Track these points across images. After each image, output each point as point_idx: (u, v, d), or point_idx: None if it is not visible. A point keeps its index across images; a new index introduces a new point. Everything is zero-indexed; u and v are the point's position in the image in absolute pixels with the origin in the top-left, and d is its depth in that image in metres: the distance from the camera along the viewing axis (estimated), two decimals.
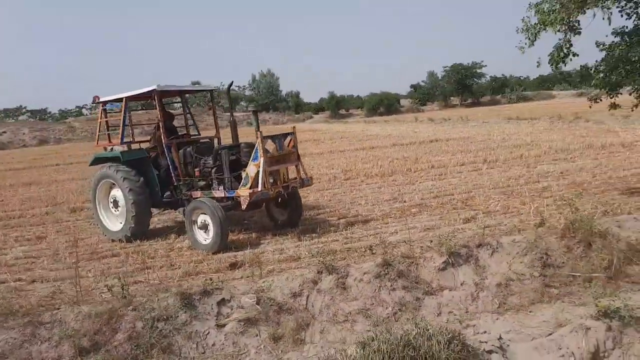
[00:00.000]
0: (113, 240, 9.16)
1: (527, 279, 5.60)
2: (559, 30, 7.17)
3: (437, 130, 30.39)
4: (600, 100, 8.74)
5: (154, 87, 8.65)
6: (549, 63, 7.96)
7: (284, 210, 9.22)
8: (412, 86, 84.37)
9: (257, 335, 5.05)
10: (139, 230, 8.95)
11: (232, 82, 9.16)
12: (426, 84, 79.75)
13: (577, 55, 7.91)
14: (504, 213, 8.62)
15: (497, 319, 4.97)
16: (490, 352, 3.79)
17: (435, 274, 5.70)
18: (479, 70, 71.14)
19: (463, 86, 70.42)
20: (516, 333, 4.60)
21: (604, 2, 6.88)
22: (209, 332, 5.04)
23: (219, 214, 7.79)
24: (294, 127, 8.79)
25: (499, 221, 8.09)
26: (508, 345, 3.94)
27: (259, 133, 7.87)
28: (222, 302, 5.36)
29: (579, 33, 7.36)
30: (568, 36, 7.67)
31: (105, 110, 9.63)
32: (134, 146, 9.64)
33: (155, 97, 8.78)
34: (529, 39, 8.00)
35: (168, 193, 9.08)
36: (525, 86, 78.21)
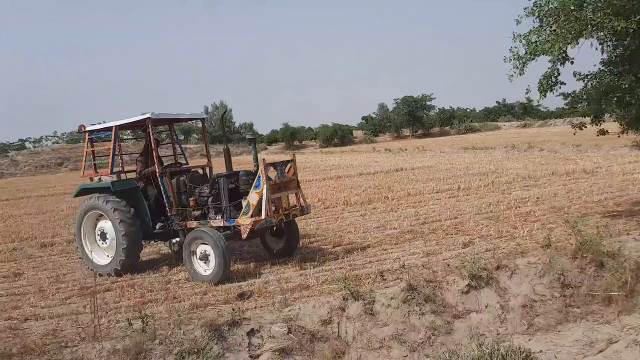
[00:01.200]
0: (100, 275, 8.75)
1: (548, 300, 5.73)
2: (555, 60, 7.53)
3: (398, 159, 30.97)
4: (585, 127, 9.18)
5: (147, 115, 8.47)
6: (538, 90, 8.32)
7: (279, 239, 9.10)
8: (363, 118, 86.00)
9: None
10: (130, 264, 8.60)
11: (226, 110, 9.11)
12: (377, 116, 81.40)
13: (565, 83, 8.33)
14: (499, 237, 8.82)
15: (529, 340, 5.04)
16: None
17: (459, 297, 5.74)
18: (429, 103, 73.38)
19: (414, 118, 72.30)
20: (555, 353, 4.68)
21: (599, 33, 7.33)
22: None
23: (222, 244, 7.60)
24: (294, 154, 8.76)
25: (496, 245, 8.22)
26: None
27: (262, 160, 7.80)
28: (251, 333, 5.19)
29: (572, 62, 7.77)
30: (556, 65, 8.06)
31: (91, 139, 9.32)
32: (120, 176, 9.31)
33: (149, 125, 8.58)
34: (517, 67, 8.36)
35: (161, 224, 8.80)
36: (471, 118, 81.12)
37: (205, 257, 7.83)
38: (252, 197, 7.88)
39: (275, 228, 8.86)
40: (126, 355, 4.78)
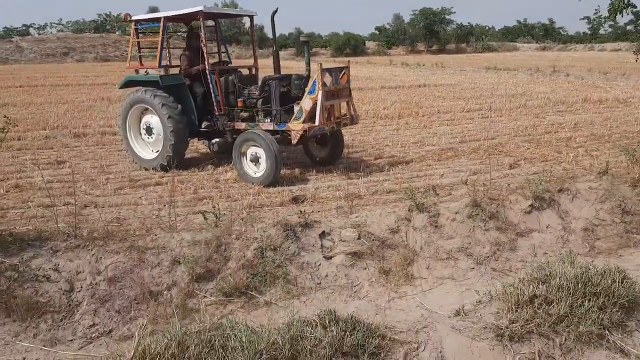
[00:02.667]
0: (146, 169, 8.84)
1: (609, 225, 5.85)
2: None
3: (418, 75, 30.36)
4: None
5: (200, 7, 8.17)
6: (608, 12, 8.04)
7: (323, 147, 9.07)
8: (376, 28, 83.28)
9: (365, 269, 5.09)
10: (176, 160, 8.64)
11: (277, 8, 8.71)
12: (392, 27, 78.71)
13: (636, 6, 8.01)
14: (544, 161, 8.83)
15: (592, 262, 5.19)
16: None
17: (522, 216, 5.84)
18: (448, 17, 70.73)
19: (430, 32, 69.92)
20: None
21: None
22: (320, 264, 5.04)
23: (274, 147, 7.60)
24: (349, 61, 8.56)
25: (543, 168, 8.28)
26: None
27: (319, 65, 7.62)
28: (322, 235, 5.34)
29: None
30: None
31: (137, 30, 9.03)
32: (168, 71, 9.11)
33: (201, 19, 8.30)
34: None
35: (207, 123, 8.76)
36: (489, 36, 78.65)
37: (256, 159, 7.86)
38: (306, 103, 7.77)
39: (319, 135, 8.83)
40: (207, 247, 4.93)
